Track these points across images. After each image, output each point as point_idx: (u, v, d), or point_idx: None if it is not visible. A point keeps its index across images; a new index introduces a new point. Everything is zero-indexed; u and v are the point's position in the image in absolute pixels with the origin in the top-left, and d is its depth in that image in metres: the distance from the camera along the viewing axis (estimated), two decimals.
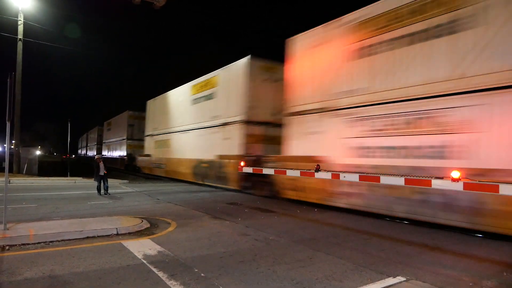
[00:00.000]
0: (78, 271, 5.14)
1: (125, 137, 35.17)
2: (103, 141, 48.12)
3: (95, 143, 53.98)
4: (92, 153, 58.63)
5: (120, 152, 36.94)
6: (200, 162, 19.27)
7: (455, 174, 7.52)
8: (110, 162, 39.64)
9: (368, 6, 10.58)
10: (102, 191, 14.35)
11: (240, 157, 15.49)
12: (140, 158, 30.36)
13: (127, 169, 33.55)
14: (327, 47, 12.07)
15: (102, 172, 14.14)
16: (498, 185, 6.92)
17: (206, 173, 18.81)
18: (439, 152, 8.50)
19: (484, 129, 7.76)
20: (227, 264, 5.63)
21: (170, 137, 24.20)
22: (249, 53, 16.46)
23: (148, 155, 28.16)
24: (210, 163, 18.25)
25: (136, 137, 34.19)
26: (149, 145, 28.68)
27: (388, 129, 9.75)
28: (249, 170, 14.82)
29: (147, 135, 29.03)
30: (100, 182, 14.24)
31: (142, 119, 32.30)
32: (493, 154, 7.55)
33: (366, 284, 4.89)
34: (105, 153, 44.47)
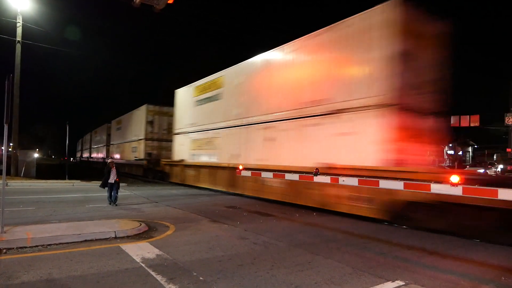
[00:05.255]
0: (76, 275, 5.11)
1: (142, 137, 28.51)
2: (111, 143, 42.35)
3: (104, 144, 47.13)
4: (96, 155, 53.38)
5: (135, 155, 30.78)
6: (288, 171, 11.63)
7: (454, 178, 7.50)
8: (122, 167, 33.46)
9: None
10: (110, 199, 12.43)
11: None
12: (165, 163, 24.62)
13: (147, 175, 27.76)
14: None
15: (113, 179, 12.37)
16: (497, 190, 6.91)
17: (297, 190, 12.67)
18: None
19: None
20: (226, 268, 5.61)
21: (217, 134, 18.19)
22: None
23: (181, 161, 21.95)
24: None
25: (156, 137, 28.17)
26: (181, 145, 22.38)
27: None
28: (247, 173, 14.59)
29: (178, 133, 22.98)
30: (111, 190, 12.38)
31: (162, 114, 27.73)
32: None
33: None
34: (117, 156, 38.31)
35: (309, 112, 12.55)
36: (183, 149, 22.04)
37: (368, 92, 10.49)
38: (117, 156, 37.81)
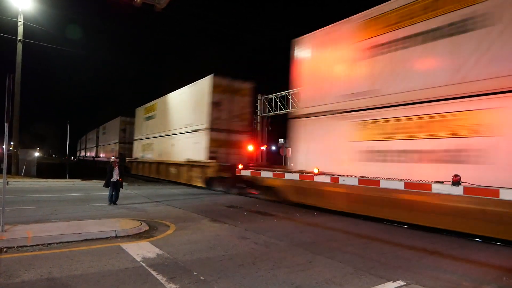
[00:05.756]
0: (76, 274, 5.10)
1: (117, 141, 38.56)
2: (99, 144, 50.94)
3: (94, 145, 56.35)
4: (89, 154, 62.08)
5: (112, 154, 38.77)
6: (176, 163, 22.08)
7: (455, 178, 7.50)
8: (105, 163, 41.51)
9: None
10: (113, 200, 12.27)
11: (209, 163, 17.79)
12: (128, 160, 32.98)
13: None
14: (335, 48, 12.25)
15: (115, 178, 12.18)
16: (498, 190, 6.91)
17: (179, 174, 21.47)
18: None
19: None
20: (227, 267, 5.60)
21: (153, 141, 27.13)
22: (251, 56, 16.87)
23: (136, 159, 31.07)
24: (182, 165, 21.12)
25: (127, 141, 36.98)
26: (137, 148, 31.64)
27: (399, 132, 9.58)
28: (247, 173, 14.87)
29: (136, 139, 32.28)
30: (112, 190, 12.22)
31: (133, 124, 34.87)
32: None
33: None
34: (102, 155, 46.96)
35: (186, 130, 21.03)
36: (138, 150, 31.34)
37: (203, 121, 18.83)
38: (102, 155, 46.88)
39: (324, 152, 11.94)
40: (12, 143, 23.42)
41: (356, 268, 5.74)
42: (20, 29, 22.05)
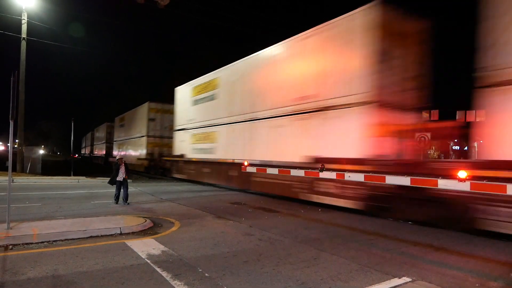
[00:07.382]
0: (81, 271, 5.12)
1: (144, 134, 28.68)
2: (114, 140, 42.57)
3: (104, 142, 48.84)
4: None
5: (137, 152, 30.76)
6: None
7: (462, 174, 7.43)
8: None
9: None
10: (120, 200, 11.82)
11: None
12: (167, 159, 24.91)
13: (148, 171, 28.02)
14: None
15: (121, 177, 11.83)
16: (505, 185, 6.85)
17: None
18: None
19: None
20: (232, 264, 5.60)
21: (218, 129, 18.13)
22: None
23: (180, 156, 21.97)
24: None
25: (158, 134, 28.10)
26: (181, 141, 22.35)
27: None
28: (252, 169, 14.78)
29: (178, 129, 22.81)
30: (119, 189, 11.86)
31: (165, 112, 27.63)
32: None
33: (371, 284, 4.84)
34: (115, 153, 39.69)
35: (301, 108, 13.02)
36: (183, 143, 22.55)
37: (351, 89, 10.82)
38: (118, 152, 43.67)
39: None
40: (17, 140, 23.55)
41: (362, 264, 5.72)
42: (24, 27, 22.08)
